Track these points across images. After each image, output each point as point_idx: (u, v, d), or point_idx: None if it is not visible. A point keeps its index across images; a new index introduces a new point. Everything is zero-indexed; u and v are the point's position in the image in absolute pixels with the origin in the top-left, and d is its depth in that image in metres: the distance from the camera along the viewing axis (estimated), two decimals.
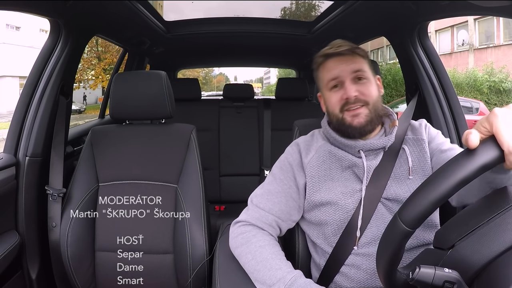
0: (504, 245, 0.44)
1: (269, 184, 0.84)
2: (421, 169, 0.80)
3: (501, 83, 9.39)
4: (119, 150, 1.15)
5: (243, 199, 0.87)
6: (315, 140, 0.87)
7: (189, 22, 1.84)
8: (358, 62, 0.80)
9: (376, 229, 0.77)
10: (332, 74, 0.80)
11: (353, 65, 0.79)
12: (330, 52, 0.81)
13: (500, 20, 9.59)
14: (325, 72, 0.82)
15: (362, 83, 0.79)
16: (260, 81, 29.91)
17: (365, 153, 0.80)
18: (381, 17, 1.38)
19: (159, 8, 1.61)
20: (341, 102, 0.79)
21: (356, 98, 0.77)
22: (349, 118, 0.78)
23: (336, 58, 0.80)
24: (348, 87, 0.78)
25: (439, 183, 0.45)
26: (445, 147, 0.80)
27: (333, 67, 0.80)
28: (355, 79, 0.79)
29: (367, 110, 0.78)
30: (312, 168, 0.82)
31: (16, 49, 12.88)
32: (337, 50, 0.80)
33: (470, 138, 0.44)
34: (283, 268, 0.68)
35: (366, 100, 0.78)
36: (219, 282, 0.74)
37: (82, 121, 4.63)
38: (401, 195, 0.77)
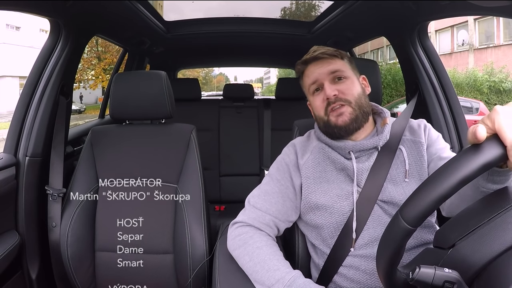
0: (504, 245, 0.44)
1: (266, 185, 0.85)
2: (417, 172, 0.79)
3: (501, 83, 9.39)
4: (119, 150, 1.15)
5: (243, 199, 0.87)
6: (311, 140, 0.87)
7: (189, 22, 1.84)
8: (334, 63, 0.82)
9: (373, 231, 0.76)
10: (311, 78, 0.84)
11: (330, 67, 0.82)
12: (307, 58, 0.85)
13: (500, 20, 9.59)
14: (305, 78, 0.86)
15: (341, 82, 0.81)
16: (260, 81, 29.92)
17: (356, 154, 0.80)
18: (381, 17, 1.38)
19: (159, 8, 1.61)
20: (323, 104, 0.81)
21: (336, 97, 0.79)
22: (334, 118, 0.80)
23: (314, 63, 0.84)
24: (327, 88, 0.80)
25: (441, 181, 0.45)
26: (445, 155, 0.79)
27: (312, 71, 0.84)
28: (334, 79, 0.81)
29: (350, 108, 0.79)
30: (308, 169, 0.82)
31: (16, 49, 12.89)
32: (313, 55, 0.83)
33: (478, 130, 0.44)
34: (282, 269, 0.68)
35: (346, 99, 0.79)
36: (219, 282, 0.74)
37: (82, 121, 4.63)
38: (396, 198, 0.77)
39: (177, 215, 1.09)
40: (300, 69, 0.87)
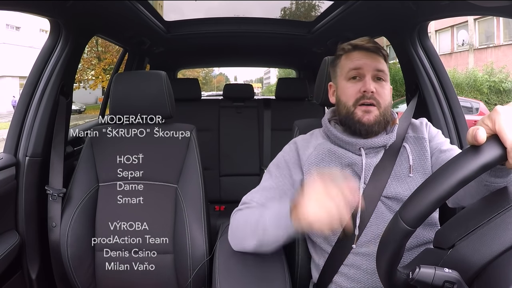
0: (504, 245, 0.44)
1: (264, 181, 0.85)
2: (421, 167, 0.80)
3: (501, 83, 9.39)
4: (119, 150, 1.15)
5: None
6: (314, 138, 0.87)
7: (189, 22, 1.84)
8: (382, 62, 0.81)
9: (376, 228, 0.77)
10: (355, 64, 0.80)
11: (378, 64, 0.80)
12: (359, 43, 0.81)
13: (500, 20, 9.58)
14: (348, 60, 0.82)
15: (380, 84, 0.80)
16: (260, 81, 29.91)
17: (365, 151, 0.80)
18: (381, 17, 1.37)
19: (159, 8, 1.61)
20: (357, 95, 0.79)
21: (372, 94, 0.78)
22: (360, 113, 0.78)
23: (363, 51, 0.81)
24: (368, 81, 0.78)
25: (440, 182, 0.45)
26: (445, 148, 0.80)
27: (359, 57, 0.80)
28: (375, 78, 0.80)
29: (378, 111, 0.78)
30: (310, 165, 0.82)
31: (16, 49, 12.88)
32: (366, 44, 0.81)
33: (478, 133, 0.44)
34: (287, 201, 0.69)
35: (379, 101, 0.78)
36: (219, 282, 0.74)
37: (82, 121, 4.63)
38: (401, 194, 0.77)
39: (177, 215, 1.09)
40: (346, 49, 0.83)
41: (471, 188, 0.63)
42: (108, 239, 1.08)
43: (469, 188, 0.64)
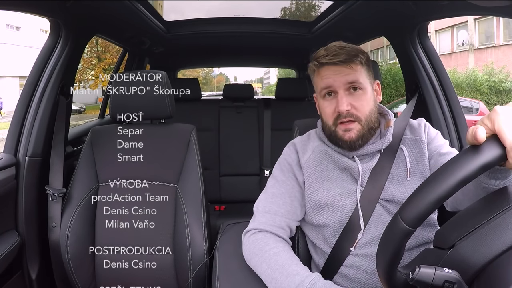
0: (504, 245, 0.44)
1: (272, 187, 0.84)
2: (419, 170, 0.79)
3: (501, 83, 9.39)
4: (119, 150, 1.15)
5: (243, 199, 0.88)
6: (312, 140, 0.87)
7: (189, 22, 1.84)
8: (354, 72, 0.76)
9: (375, 230, 0.77)
10: (325, 82, 0.78)
11: (348, 76, 0.76)
12: (324, 61, 0.77)
13: (500, 20, 9.58)
14: (318, 79, 0.80)
15: (357, 94, 0.76)
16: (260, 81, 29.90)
17: (359, 158, 0.80)
18: (381, 17, 1.37)
19: (159, 8, 1.61)
20: (334, 115, 0.78)
21: (348, 112, 0.76)
22: (341, 132, 0.77)
23: (331, 66, 0.77)
24: (341, 100, 0.75)
25: (440, 182, 0.45)
26: (444, 150, 0.79)
27: (327, 75, 0.77)
28: (350, 89, 0.77)
29: (359, 125, 0.77)
30: (309, 168, 0.82)
31: (16, 49, 12.88)
32: (332, 60, 0.76)
33: (478, 132, 0.43)
34: (301, 273, 0.68)
35: (357, 116, 0.76)
36: (219, 282, 0.74)
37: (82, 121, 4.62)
38: (398, 197, 0.77)
39: (177, 215, 1.09)
40: (313, 67, 0.80)
41: (469, 191, 0.63)
42: (108, 239, 1.08)
43: (467, 192, 0.64)
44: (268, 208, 0.81)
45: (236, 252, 0.82)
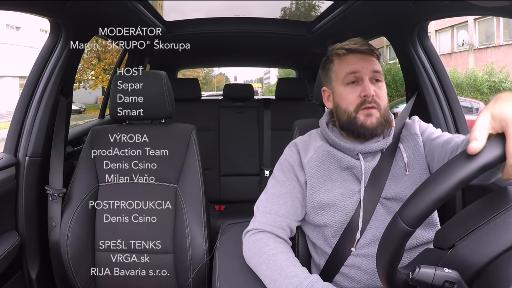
0: (504, 245, 0.44)
1: (272, 188, 0.84)
2: (417, 163, 0.79)
3: (501, 83, 9.39)
4: (119, 150, 1.15)
5: (243, 199, 0.88)
6: (313, 140, 0.87)
7: (190, 22, 1.84)
8: (377, 63, 0.80)
9: (375, 230, 0.77)
10: (352, 68, 0.78)
11: (374, 66, 0.79)
12: (353, 47, 0.80)
13: (500, 20, 9.59)
14: (343, 65, 0.80)
15: (378, 85, 0.79)
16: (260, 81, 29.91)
17: (363, 156, 0.80)
18: (381, 17, 1.37)
19: (159, 8, 1.61)
20: (358, 101, 0.77)
21: (373, 97, 0.77)
22: (362, 117, 0.77)
23: (358, 54, 0.79)
24: (368, 86, 0.77)
25: (440, 182, 0.45)
26: (435, 135, 0.80)
27: (354, 61, 0.79)
28: (373, 80, 0.78)
29: (379, 113, 0.77)
30: (311, 168, 0.82)
31: (16, 49, 12.88)
32: (360, 47, 0.79)
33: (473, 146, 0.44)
34: (299, 275, 0.67)
35: (379, 103, 0.77)
36: (219, 282, 0.74)
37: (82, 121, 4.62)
38: (400, 193, 0.77)
39: (177, 215, 1.09)
40: (339, 53, 0.81)
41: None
42: (108, 239, 1.08)
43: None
44: (269, 209, 0.81)
45: (236, 252, 0.82)
